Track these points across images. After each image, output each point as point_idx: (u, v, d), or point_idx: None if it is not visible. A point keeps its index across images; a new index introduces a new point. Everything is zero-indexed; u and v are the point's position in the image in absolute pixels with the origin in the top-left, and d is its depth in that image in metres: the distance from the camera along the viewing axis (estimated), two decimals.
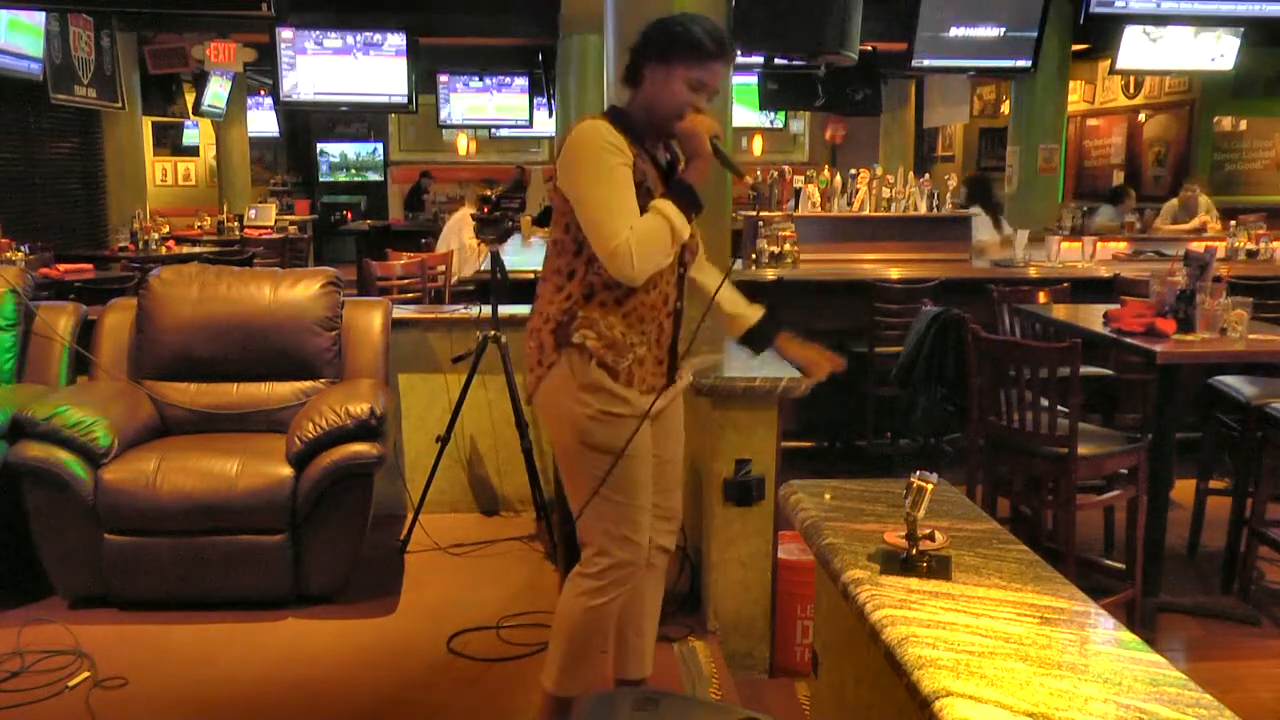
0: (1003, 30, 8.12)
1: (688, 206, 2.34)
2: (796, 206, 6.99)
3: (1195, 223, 8.90)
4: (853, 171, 7.36)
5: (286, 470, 3.43)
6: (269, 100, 13.91)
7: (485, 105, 13.50)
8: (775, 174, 7.24)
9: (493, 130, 14.84)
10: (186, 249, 8.96)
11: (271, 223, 11.98)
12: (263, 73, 12.12)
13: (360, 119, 16.48)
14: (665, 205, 2.32)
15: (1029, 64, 8.56)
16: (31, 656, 3.10)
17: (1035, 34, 8.07)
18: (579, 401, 2.38)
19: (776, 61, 8.00)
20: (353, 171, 17.06)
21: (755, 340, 2.70)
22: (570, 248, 2.40)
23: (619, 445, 2.39)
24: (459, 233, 7.66)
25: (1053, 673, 1.37)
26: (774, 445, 3.20)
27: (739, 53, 4.37)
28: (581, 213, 2.33)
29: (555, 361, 2.40)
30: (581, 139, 2.35)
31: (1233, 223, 7.32)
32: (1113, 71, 10.32)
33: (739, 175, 2.53)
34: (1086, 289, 5.52)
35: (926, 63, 8.62)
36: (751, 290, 5.29)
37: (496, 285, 4.13)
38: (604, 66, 4.30)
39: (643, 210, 2.31)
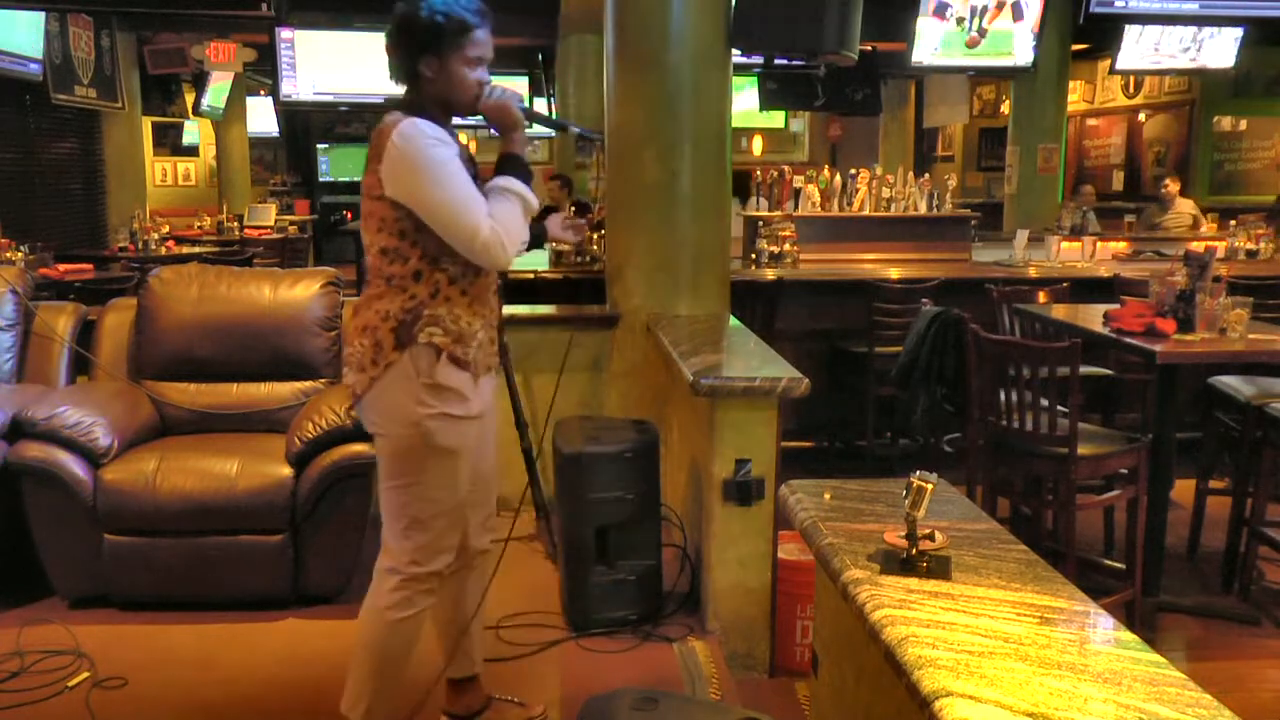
0: None
1: (526, 178, 2.35)
2: (796, 206, 6.99)
3: (1180, 216, 8.86)
4: (853, 171, 7.36)
5: (286, 470, 3.43)
6: (269, 100, 13.91)
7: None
8: (775, 174, 7.23)
9: (493, 130, 14.76)
10: (186, 249, 8.95)
11: (271, 223, 11.97)
12: (263, 73, 12.12)
13: (360, 119, 16.46)
14: (511, 182, 2.33)
15: (1029, 64, 8.58)
16: (31, 656, 3.10)
17: None
18: (419, 402, 2.33)
19: (776, 62, 8.00)
20: (353, 171, 17.05)
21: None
22: (410, 253, 2.32)
23: (457, 446, 2.38)
24: None
25: (1052, 673, 1.37)
26: (774, 445, 3.19)
27: (739, 53, 4.38)
28: (432, 215, 2.27)
29: (394, 361, 2.33)
30: (406, 141, 2.26)
31: (1233, 223, 7.32)
32: (1113, 71, 10.32)
33: (563, 130, 2.49)
34: (1086, 289, 5.52)
35: (926, 62, 8.63)
36: (751, 290, 5.34)
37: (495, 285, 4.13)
38: (604, 66, 4.31)
39: None
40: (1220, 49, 9.52)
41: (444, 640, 2.72)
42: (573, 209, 7.39)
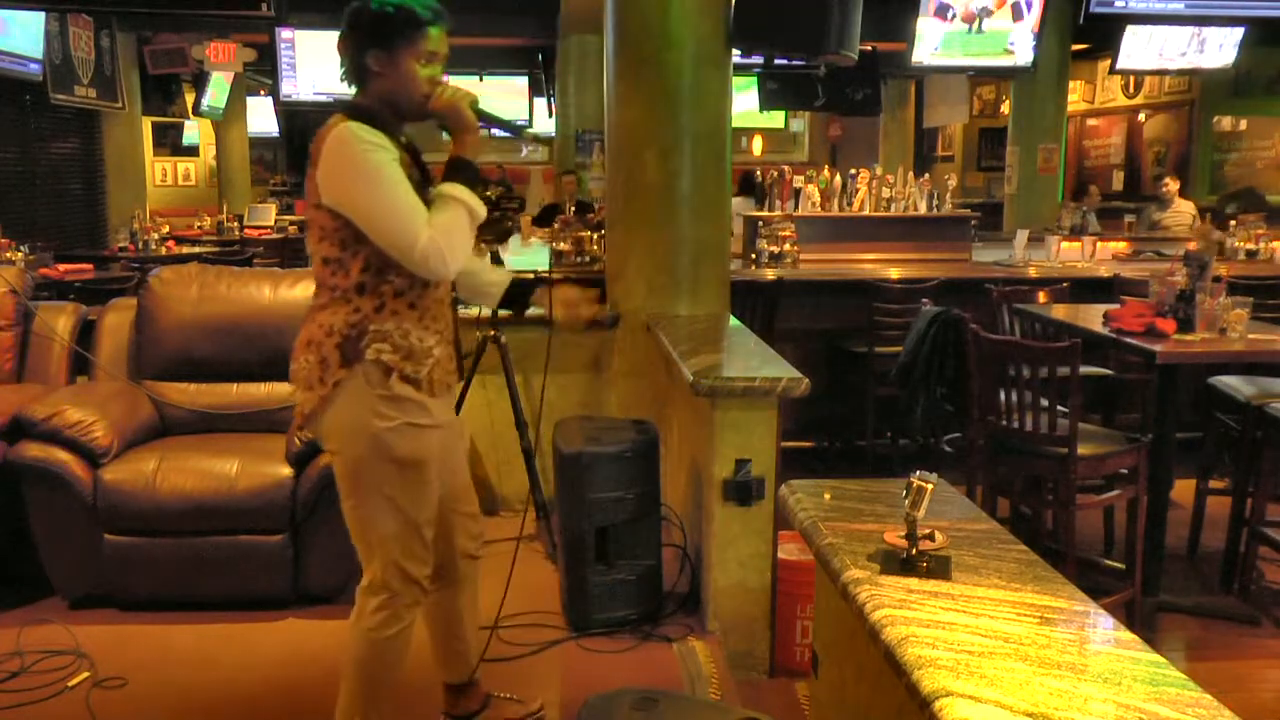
0: None
1: (473, 184, 2.25)
2: (796, 206, 6.99)
3: (1179, 216, 8.85)
4: (853, 171, 7.36)
5: (286, 470, 3.43)
6: (269, 100, 13.91)
7: (484, 106, 13.47)
8: (775, 174, 7.24)
9: (492, 130, 14.76)
10: (186, 249, 8.95)
11: (271, 223, 11.97)
12: (263, 72, 12.12)
13: None
14: (455, 189, 2.22)
15: (1029, 63, 8.59)
16: (31, 656, 3.10)
17: None
18: (379, 415, 2.23)
19: (776, 62, 8.02)
20: None
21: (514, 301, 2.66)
22: (352, 263, 2.22)
23: (421, 456, 2.29)
24: None
25: (1052, 673, 1.37)
26: (774, 445, 3.19)
27: (739, 53, 4.37)
28: (369, 223, 2.16)
29: (343, 379, 2.23)
30: (341, 146, 2.17)
31: (1232, 223, 7.31)
32: (1113, 71, 10.32)
33: (517, 134, 2.44)
34: (1086, 289, 5.52)
35: (926, 62, 8.64)
36: (751, 290, 5.34)
37: None
38: (604, 66, 4.31)
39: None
40: (1220, 49, 9.52)
41: (438, 646, 2.71)
42: (573, 210, 7.40)
